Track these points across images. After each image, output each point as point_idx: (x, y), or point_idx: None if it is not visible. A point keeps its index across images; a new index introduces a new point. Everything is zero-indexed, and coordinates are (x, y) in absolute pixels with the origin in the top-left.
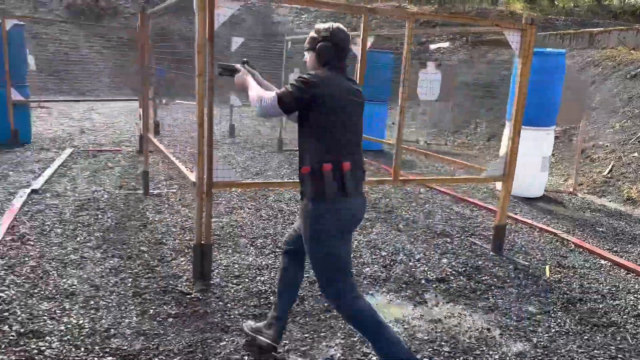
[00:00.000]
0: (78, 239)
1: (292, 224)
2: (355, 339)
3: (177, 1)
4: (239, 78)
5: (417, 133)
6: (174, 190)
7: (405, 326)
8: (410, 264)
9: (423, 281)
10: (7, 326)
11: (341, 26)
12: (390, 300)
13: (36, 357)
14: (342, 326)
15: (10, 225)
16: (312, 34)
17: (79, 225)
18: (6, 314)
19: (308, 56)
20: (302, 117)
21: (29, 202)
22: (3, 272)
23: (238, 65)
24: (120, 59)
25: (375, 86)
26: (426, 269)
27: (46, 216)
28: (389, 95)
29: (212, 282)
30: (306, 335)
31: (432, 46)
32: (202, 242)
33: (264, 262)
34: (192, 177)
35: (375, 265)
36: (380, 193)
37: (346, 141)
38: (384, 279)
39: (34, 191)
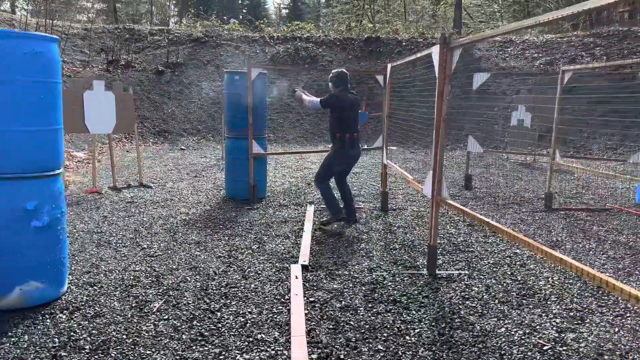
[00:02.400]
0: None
1: None
2: None
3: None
4: (296, 95)
5: None
6: (467, 272)
7: None
8: None
9: None
10: None
11: (342, 69)
12: None
13: None
14: None
15: (308, 329)
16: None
17: (386, 331)
18: None
19: (331, 85)
20: (330, 113)
21: (306, 284)
22: None
23: (296, 89)
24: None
25: None
26: None
27: (336, 310)
28: None
29: None
30: None
31: None
32: None
33: None
34: None
35: None
36: None
37: (350, 124)
38: None
39: (304, 267)
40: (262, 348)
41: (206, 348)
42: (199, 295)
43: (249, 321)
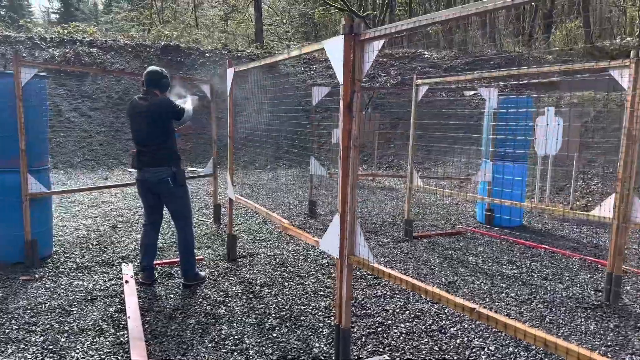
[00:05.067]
0: None
1: None
2: None
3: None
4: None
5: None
6: (387, 357)
7: None
8: None
9: None
10: None
11: (150, 68)
12: None
13: None
14: None
15: None
16: None
17: None
18: None
19: None
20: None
21: None
22: None
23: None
24: (117, 123)
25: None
26: None
27: None
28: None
29: None
30: None
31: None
32: None
33: None
34: None
35: None
36: None
37: (135, 137)
38: None
39: None
40: None
41: None
42: None
43: None
